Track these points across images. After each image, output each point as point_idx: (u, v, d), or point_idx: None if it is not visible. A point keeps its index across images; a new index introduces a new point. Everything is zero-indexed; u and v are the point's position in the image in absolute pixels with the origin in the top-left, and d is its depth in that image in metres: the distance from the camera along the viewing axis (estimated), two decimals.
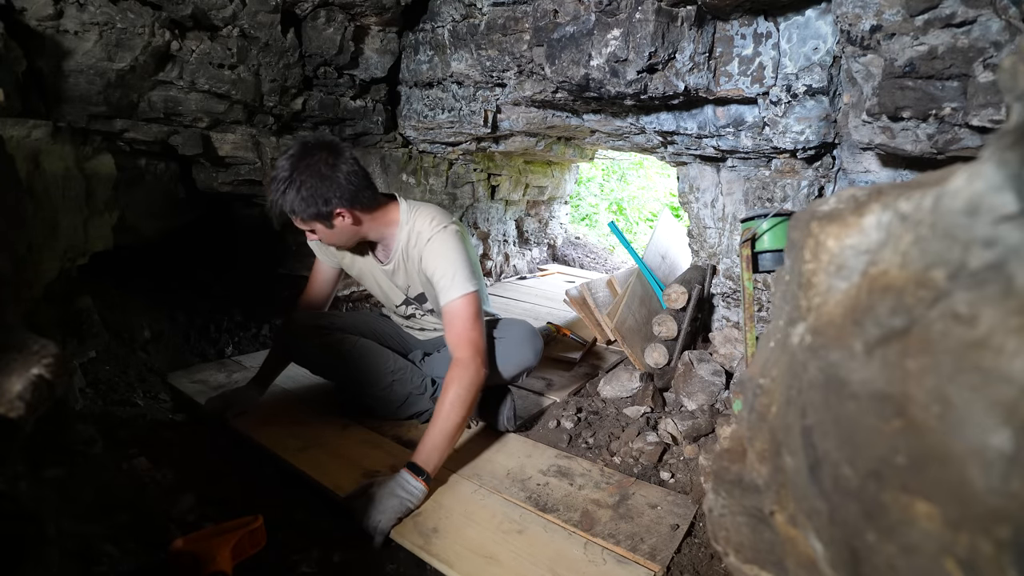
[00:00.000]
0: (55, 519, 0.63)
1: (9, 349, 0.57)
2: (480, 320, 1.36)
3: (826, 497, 0.38)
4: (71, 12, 1.45)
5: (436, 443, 1.23)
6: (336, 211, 1.29)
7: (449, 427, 1.24)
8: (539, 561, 1.07)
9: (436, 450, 1.23)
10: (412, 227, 1.41)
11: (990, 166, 0.30)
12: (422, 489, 1.19)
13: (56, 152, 1.35)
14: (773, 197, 1.85)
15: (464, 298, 1.33)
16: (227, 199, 2.24)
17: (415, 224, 1.41)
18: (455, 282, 1.34)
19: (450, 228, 1.40)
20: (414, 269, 1.45)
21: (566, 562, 1.07)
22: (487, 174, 3.28)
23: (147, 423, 1.48)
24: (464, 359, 1.30)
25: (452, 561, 1.06)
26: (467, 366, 1.28)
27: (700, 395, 1.75)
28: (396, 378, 1.54)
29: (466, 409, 1.26)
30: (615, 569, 1.06)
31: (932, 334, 0.31)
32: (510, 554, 1.09)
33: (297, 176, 1.25)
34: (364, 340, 1.55)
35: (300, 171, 1.25)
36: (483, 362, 1.32)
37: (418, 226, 1.41)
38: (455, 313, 1.33)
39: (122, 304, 1.91)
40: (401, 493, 1.17)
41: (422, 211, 1.43)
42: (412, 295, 1.56)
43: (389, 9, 2.01)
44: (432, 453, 1.22)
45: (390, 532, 1.13)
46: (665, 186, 6.12)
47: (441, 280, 1.35)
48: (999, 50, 1.05)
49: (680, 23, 1.54)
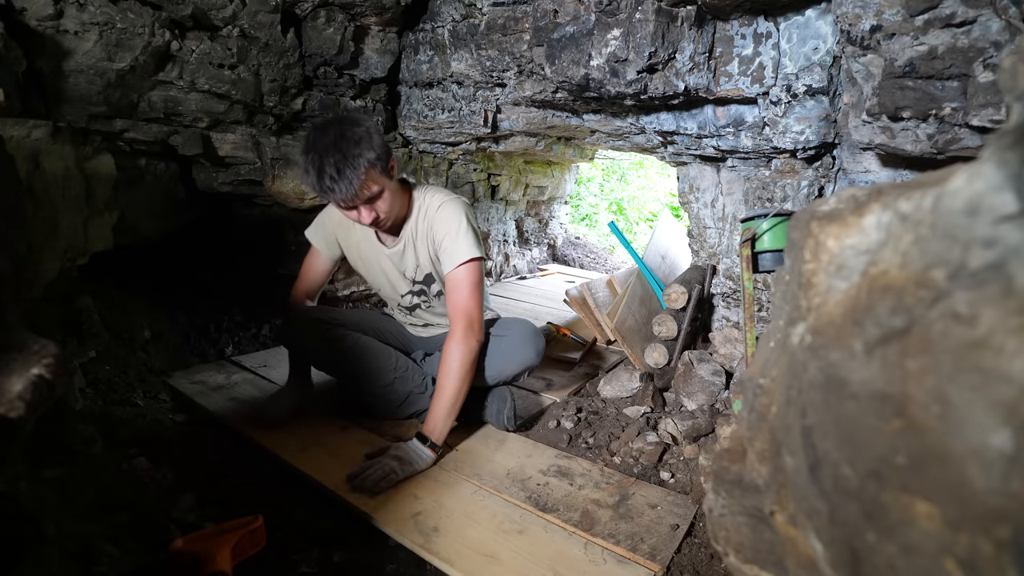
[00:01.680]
0: (55, 519, 0.63)
1: (9, 349, 0.57)
2: (479, 290, 1.42)
3: (826, 497, 0.38)
4: (71, 12, 1.45)
5: (440, 415, 1.35)
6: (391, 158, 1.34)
7: (450, 399, 1.35)
8: (539, 560, 1.07)
9: (440, 421, 1.35)
10: (423, 203, 1.46)
11: (990, 166, 0.30)
12: (430, 455, 1.32)
13: (56, 152, 1.35)
14: (773, 197, 1.85)
15: (468, 265, 1.39)
16: (227, 199, 2.24)
17: (425, 200, 1.47)
18: (461, 246, 1.39)
19: (457, 199, 1.46)
20: (423, 244, 1.48)
21: (567, 561, 1.07)
22: (487, 174, 3.28)
23: (147, 423, 1.48)
24: (460, 332, 1.37)
25: (453, 560, 1.06)
26: (462, 338, 1.37)
27: (700, 395, 1.75)
28: (398, 376, 1.54)
29: (464, 380, 1.37)
30: (615, 569, 1.06)
31: (932, 334, 0.31)
32: (511, 553, 1.09)
33: (353, 130, 1.26)
34: (366, 337, 1.55)
35: (353, 127, 1.27)
36: (477, 333, 1.40)
37: (428, 201, 1.46)
38: (456, 280, 1.40)
39: (122, 304, 1.90)
40: (412, 456, 1.30)
41: (431, 189, 1.50)
42: (419, 277, 1.56)
43: (389, 9, 2.01)
44: (437, 424, 1.35)
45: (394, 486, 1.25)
46: (665, 186, 6.12)
47: (448, 244, 1.40)
48: (999, 50, 1.05)
49: (680, 23, 1.54)
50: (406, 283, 1.57)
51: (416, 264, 1.52)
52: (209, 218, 2.28)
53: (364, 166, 1.24)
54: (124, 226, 1.76)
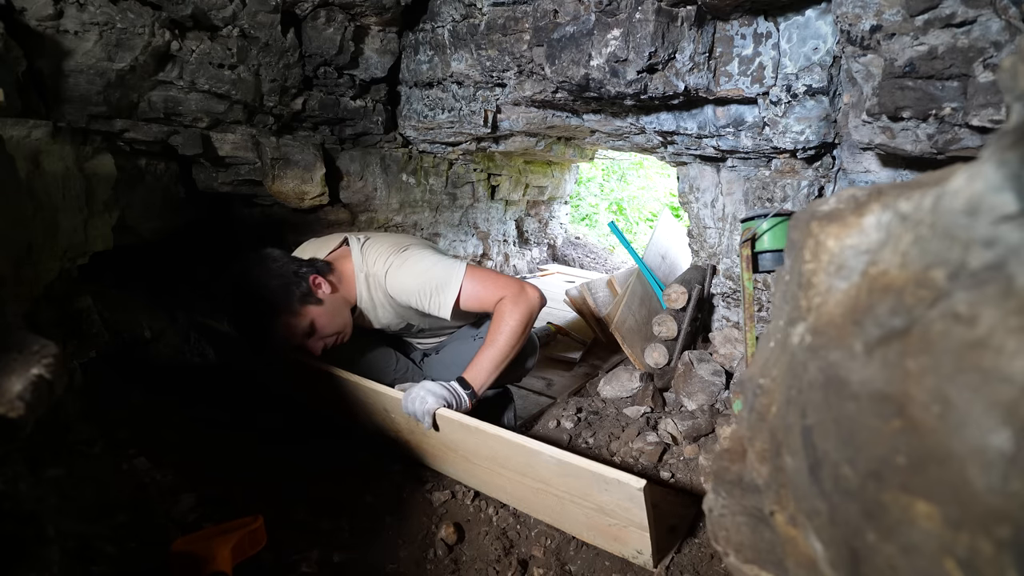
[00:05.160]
0: (55, 519, 0.63)
1: (9, 349, 0.57)
2: (486, 275, 1.33)
3: (826, 497, 0.38)
4: (71, 12, 1.44)
5: (484, 367, 1.26)
6: (312, 278, 1.27)
7: (498, 354, 1.26)
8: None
9: (483, 372, 1.26)
10: (367, 270, 1.36)
11: (990, 166, 0.30)
12: (467, 404, 1.22)
13: (56, 152, 1.35)
14: (773, 197, 1.85)
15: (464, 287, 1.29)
16: (227, 199, 2.24)
17: (366, 264, 1.36)
18: (443, 291, 1.28)
19: (396, 254, 1.34)
20: (386, 311, 1.41)
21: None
22: (487, 174, 3.28)
23: (147, 423, 1.48)
24: (511, 295, 1.28)
25: None
26: (516, 299, 1.27)
27: (700, 395, 1.75)
28: (397, 377, 1.54)
29: (516, 336, 1.27)
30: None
31: (932, 334, 0.31)
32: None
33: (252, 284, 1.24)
34: (365, 338, 1.55)
35: (250, 279, 1.25)
36: (528, 295, 1.30)
37: (369, 267, 1.36)
38: (469, 302, 1.30)
39: (122, 304, 1.90)
40: (449, 390, 1.20)
41: (370, 249, 1.38)
42: (395, 329, 1.53)
43: (389, 9, 2.01)
44: (479, 374, 1.25)
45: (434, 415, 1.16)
46: (665, 186, 6.12)
47: (429, 302, 1.30)
48: (999, 50, 1.05)
49: (680, 23, 1.54)
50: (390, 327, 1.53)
51: (387, 323, 1.48)
52: (209, 218, 2.28)
53: (286, 311, 1.24)
54: (124, 226, 1.76)
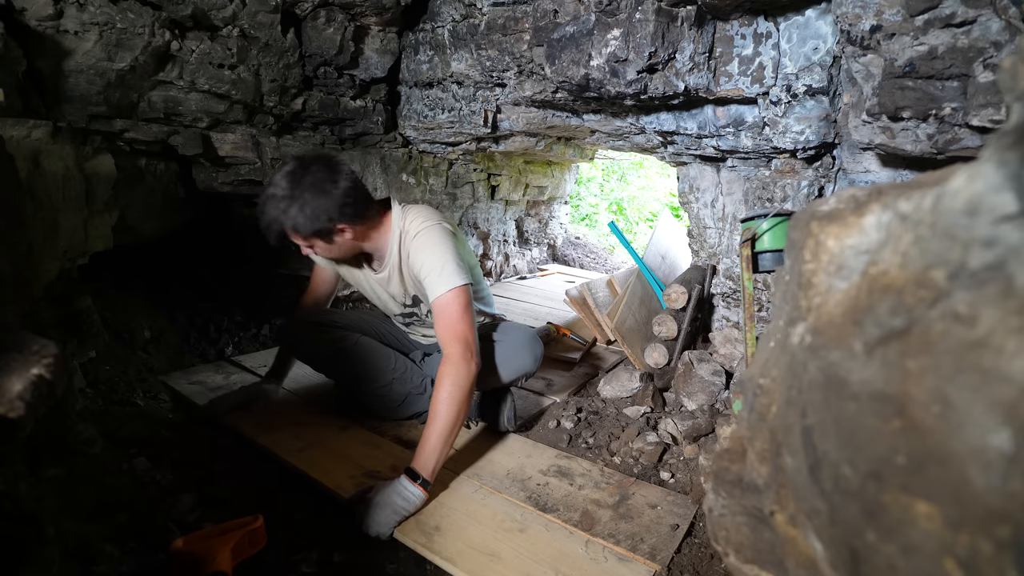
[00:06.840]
0: (55, 519, 0.63)
1: (9, 349, 0.57)
2: (469, 314, 1.33)
3: (826, 497, 0.38)
4: (71, 12, 1.44)
5: (433, 446, 1.21)
6: (338, 227, 1.29)
7: (444, 428, 1.21)
8: (541, 559, 1.07)
9: (434, 453, 1.21)
10: (403, 228, 1.41)
11: (990, 166, 0.30)
12: (420, 495, 1.18)
13: (56, 152, 1.35)
14: (773, 197, 1.85)
15: (452, 292, 1.30)
16: (227, 199, 2.24)
17: (405, 224, 1.41)
18: (442, 276, 1.32)
19: (437, 225, 1.38)
20: (405, 270, 1.44)
21: (568, 560, 1.07)
22: (487, 174, 3.28)
23: (147, 423, 1.48)
24: (454, 355, 1.26)
25: (455, 559, 1.07)
26: (457, 363, 1.25)
27: (700, 395, 1.75)
28: (396, 376, 1.54)
29: (460, 407, 1.23)
30: (617, 567, 1.06)
31: (932, 334, 0.31)
32: (512, 552, 1.09)
33: (299, 193, 1.23)
34: (364, 338, 1.56)
35: (301, 188, 1.24)
36: (473, 357, 1.27)
37: (407, 226, 1.40)
38: (443, 308, 1.31)
39: (122, 304, 1.90)
40: (399, 500, 1.16)
41: (412, 212, 1.42)
42: (408, 300, 1.55)
43: (389, 9, 2.01)
44: (430, 457, 1.20)
45: (391, 535, 1.14)
46: (665, 186, 6.11)
47: (428, 275, 1.34)
48: (999, 50, 1.05)
49: (680, 23, 1.54)
50: (397, 305, 1.57)
51: (403, 289, 1.51)
52: (209, 218, 2.28)
53: (296, 231, 1.27)
54: (124, 226, 1.76)
